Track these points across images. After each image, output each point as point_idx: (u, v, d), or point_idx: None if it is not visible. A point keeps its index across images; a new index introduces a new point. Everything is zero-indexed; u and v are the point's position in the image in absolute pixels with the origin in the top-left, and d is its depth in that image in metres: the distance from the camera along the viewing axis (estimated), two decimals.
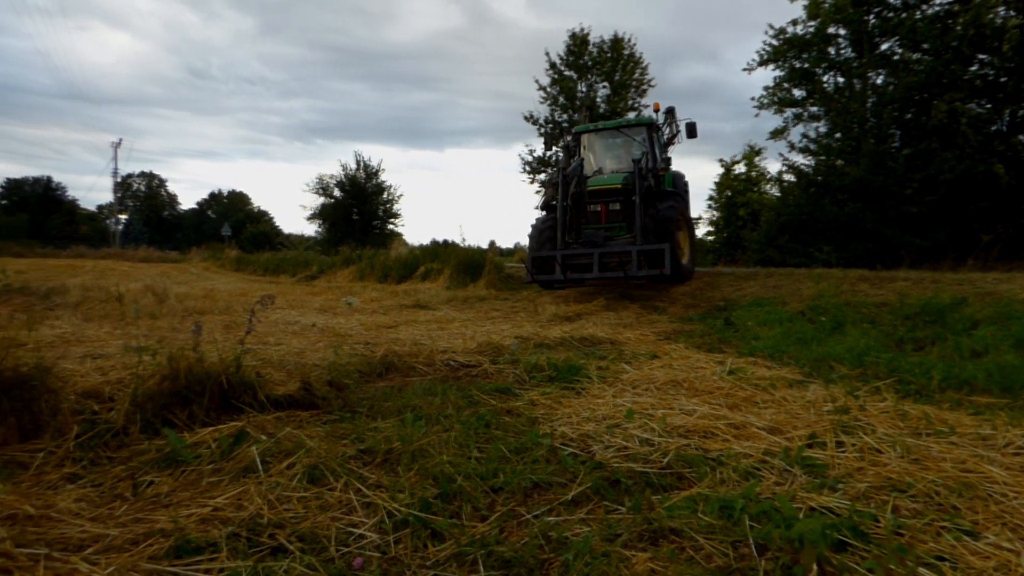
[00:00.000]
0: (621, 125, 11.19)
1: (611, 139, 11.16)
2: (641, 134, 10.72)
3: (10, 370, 2.66)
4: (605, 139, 11.22)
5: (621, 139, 10.99)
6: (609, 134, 11.16)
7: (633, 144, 10.80)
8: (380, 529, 1.85)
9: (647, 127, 10.66)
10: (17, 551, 1.58)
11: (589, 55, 28.39)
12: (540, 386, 3.72)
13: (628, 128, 10.99)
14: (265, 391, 3.06)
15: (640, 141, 10.67)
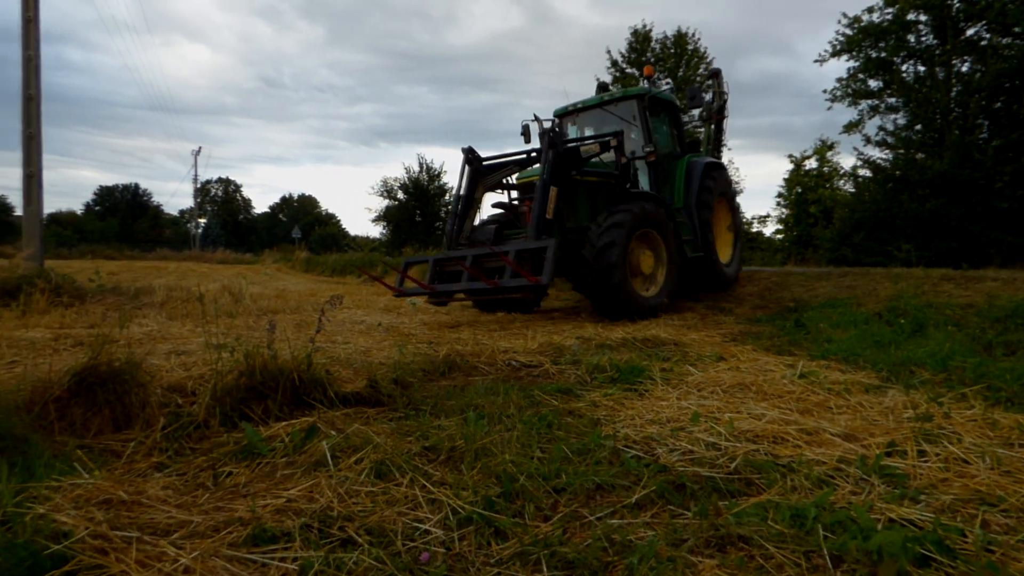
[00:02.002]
0: (604, 101, 8.90)
1: (598, 120, 9.05)
2: (630, 110, 8.64)
3: (105, 365, 2.85)
4: (591, 121, 9.16)
5: (611, 119, 8.79)
6: (594, 114, 9.04)
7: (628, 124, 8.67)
8: (445, 525, 1.88)
9: (636, 100, 8.52)
10: (112, 533, 1.70)
11: (652, 51, 27.95)
12: (602, 387, 3.69)
13: (614, 104, 8.79)
14: (334, 388, 3.17)
15: (631, 119, 8.57)
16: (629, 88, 9.07)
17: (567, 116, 9.30)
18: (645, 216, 7.22)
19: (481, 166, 7.73)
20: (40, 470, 2.11)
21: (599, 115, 8.94)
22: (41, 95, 9.00)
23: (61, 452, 2.36)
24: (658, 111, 8.90)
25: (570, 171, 7.22)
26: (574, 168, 7.30)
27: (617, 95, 8.84)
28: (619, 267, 6.70)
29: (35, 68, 8.86)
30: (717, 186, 9.09)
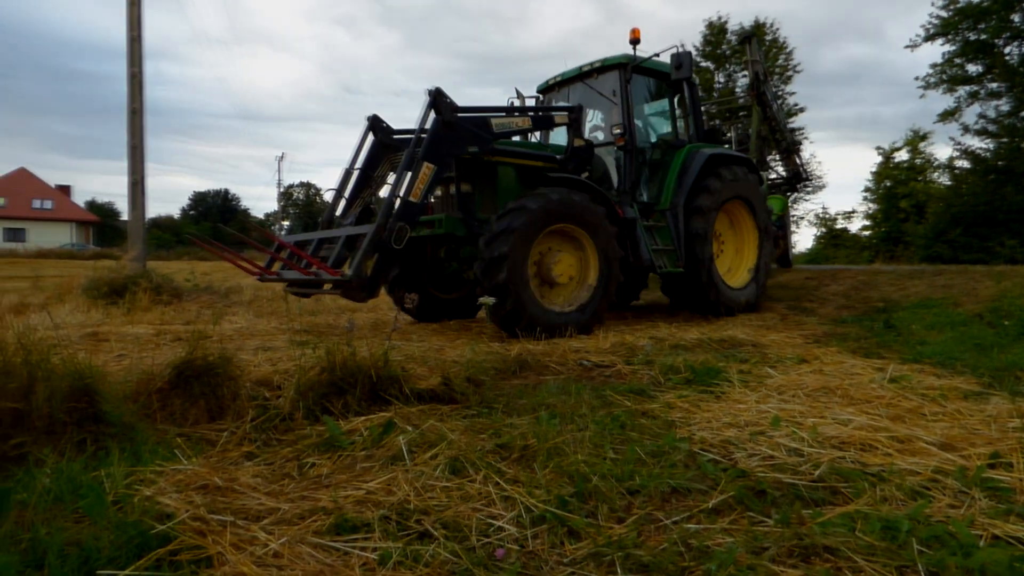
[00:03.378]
0: (584, 72, 7.45)
1: (583, 96, 7.60)
2: (611, 83, 7.15)
3: (200, 359, 3.05)
4: (577, 97, 7.65)
5: (597, 95, 7.43)
6: (578, 89, 7.61)
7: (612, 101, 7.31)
8: (518, 523, 1.90)
9: (618, 71, 7.05)
10: (210, 517, 1.82)
11: (728, 44, 27.09)
12: (676, 388, 3.62)
13: (594, 76, 7.36)
14: (409, 385, 3.25)
15: (611, 94, 7.15)
16: (610, 57, 7.16)
17: (550, 91, 7.90)
18: (560, 210, 5.77)
19: (390, 139, 6.46)
20: (146, 455, 2.28)
21: (582, 90, 7.50)
22: (144, 108, 9.70)
23: (163, 439, 2.54)
24: (652, 85, 7.51)
25: (465, 148, 5.81)
26: (476, 145, 5.86)
27: (596, 64, 7.30)
28: (513, 285, 5.37)
29: (139, 84, 9.55)
30: (726, 187, 7.26)
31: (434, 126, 5.57)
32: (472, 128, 5.82)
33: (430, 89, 5.66)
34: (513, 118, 6.20)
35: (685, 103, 7.69)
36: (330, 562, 1.66)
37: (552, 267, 5.89)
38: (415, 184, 5.37)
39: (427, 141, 5.50)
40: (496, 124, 6.00)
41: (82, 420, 2.42)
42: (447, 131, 5.63)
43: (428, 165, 5.49)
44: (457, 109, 5.72)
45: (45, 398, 2.33)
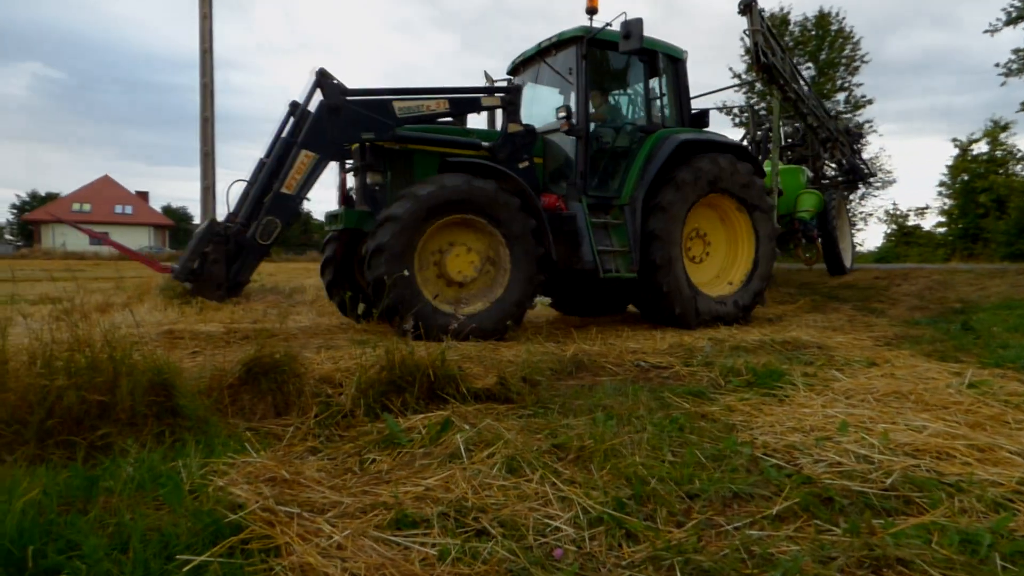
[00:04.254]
0: (542, 51, 6.61)
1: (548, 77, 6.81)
2: (569, 61, 6.33)
3: (267, 357, 3.17)
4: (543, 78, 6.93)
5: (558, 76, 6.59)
6: (542, 71, 6.79)
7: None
8: (575, 524, 1.89)
9: (575, 47, 6.20)
10: (278, 508, 1.89)
11: (790, 35, 26.20)
12: (737, 391, 3.53)
13: (552, 54, 6.55)
14: (466, 384, 3.29)
15: (568, 73, 6.35)
16: (566, 30, 6.31)
17: (516, 73, 7.19)
18: (457, 199, 5.14)
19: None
20: (218, 448, 2.39)
21: (546, 72, 6.74)
22: (215, 116, 10.17)
23: (234, 433, 2.66)
24: (616, 61, 6.57)
25: (357, 134, 5.39)
26: (372, 131, 5.40)
27: (553, 40, 6.47)
28: (392, 279, 4.84)
29: (210, 93, 10.02)
30: (701, 180, 6.26)
31: (316, 111, 5.19)
32: (367, 113, 5.38)
33: (316, 69, 5.28)
34: (423, 101, 5.66)
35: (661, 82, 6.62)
36: (391, 556, 1.70)
37: (447, 263, 5.29)
38: (289, 174, 5.04)
39: (307, 127, 5.15)
40: (400, 108, 5.53)
41: (161, 413, 2.56)
42: (332, 116, 5.22)
43: (307, 153, 5.13)
44: (347, 92, 5.32)
45: (128, 392, 2.48)
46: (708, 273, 6.79)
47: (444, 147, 5.70)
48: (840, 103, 25.95)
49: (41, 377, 2.40)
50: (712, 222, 6.83)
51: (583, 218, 5.92)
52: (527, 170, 5.81)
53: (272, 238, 4.97)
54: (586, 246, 5.85)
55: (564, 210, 5.91)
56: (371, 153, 5.56)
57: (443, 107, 5.78)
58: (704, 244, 6.83)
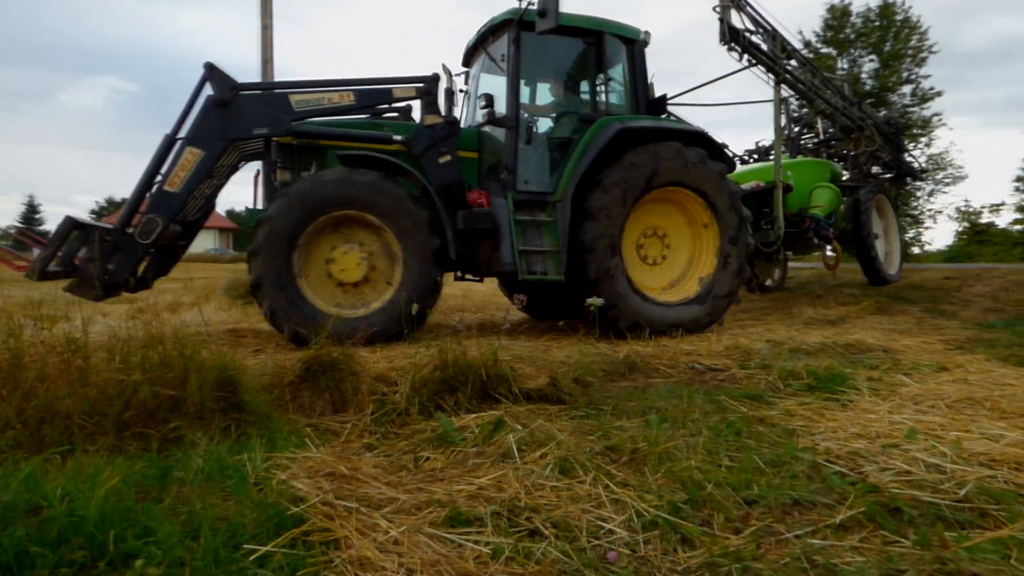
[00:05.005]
0: (482, 38, 6.17)
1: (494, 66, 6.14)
2: (502, 47, 5.83)
3: (325, 355, 3.27)
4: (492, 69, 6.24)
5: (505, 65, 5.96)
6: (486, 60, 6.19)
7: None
8: (629, 527, 1.88)
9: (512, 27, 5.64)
10: (337, 502, 1.95)
11: (852, 27, 25.20)
12: (797, 395, 3.42)
13: (491, 41, 6.08)
14: (518, 384, 3.30)
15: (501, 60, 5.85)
16: (498, 14, 5.80)
17: (468, 65, 6.75)
18: (337, 194, 4.90)
19: None
20: (280, 442, 2.48)
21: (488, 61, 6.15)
22: None
23: (294, 428, 2.75)
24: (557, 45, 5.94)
25: (250, 130, 5.18)
26: (266, 126, 5.20)
27: (488, 26, 5.99)
28: (268, 284, 4.71)
29: None
30: (643, 172, 5.54)
31: (203, 105, 5.05)
32: (261, 107, 5.20)
33: (207, 65, 5.11)
34: (325, 94, 5.37)
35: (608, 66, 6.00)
36: (445, 553, 1.72)
37: (334, 263, 5.07)
38: (173, 171, 4.92)
39: (193, 122, 5.00)
40: (298, 101, 5.28)
41: (226, 408, 2.68)
42: (220, 111, 5.07)
43: (192, 150, 4.97)
44: (239, 86, 5.17)
45: (197, 387, 2.60)
46: (669, 275, 6.06)
47: (349, 141, 5.45)
48: (906, 96, 24.78)
49: (119, 372, 2.55)
50: (672, 218, 6.06)
51: (506, 216, 5.45)
52: (448, 165, 5.44)
53: (152, 237, 4.82)
54: (505, 246, 5.39)
55: (485, 207, 5.48)
56: (279, 150, 5.41)
57: (348, 100, 5.46)
58: (662, 244, 6.08)
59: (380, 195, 5.00)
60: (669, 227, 6.08)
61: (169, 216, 4.91)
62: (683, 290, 5.93)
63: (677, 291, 5.93)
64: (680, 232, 6.09)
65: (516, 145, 5.63)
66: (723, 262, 5.91)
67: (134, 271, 5.03)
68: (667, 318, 5.62)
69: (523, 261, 5.38)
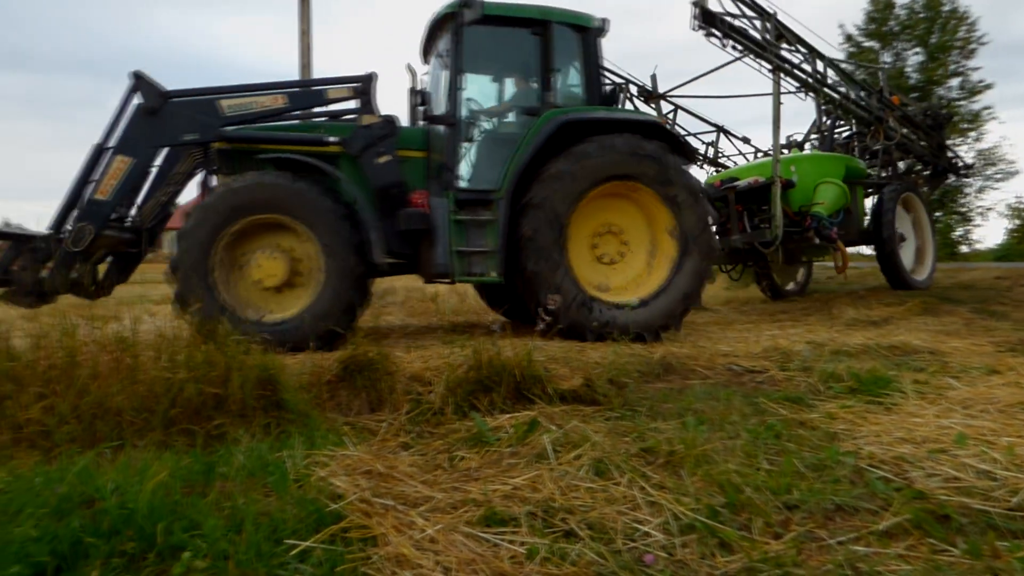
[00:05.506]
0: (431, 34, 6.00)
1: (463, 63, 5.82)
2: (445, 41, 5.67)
3: (362, 355, 3.33)
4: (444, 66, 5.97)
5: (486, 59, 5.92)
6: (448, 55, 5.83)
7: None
8: (665, 530, 1.86)
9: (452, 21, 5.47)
10: (374, 500, 1.98)
11: (895, 19, 24.44)
12: (839, 398, 3.34)
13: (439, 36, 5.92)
14: (552, 385, 3.30)
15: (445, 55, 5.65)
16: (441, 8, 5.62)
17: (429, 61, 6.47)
18: (251, 198, 4.84)
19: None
20: (319, 440, 2.54)
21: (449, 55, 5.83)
22: None
23: (332, 426, 2.81)
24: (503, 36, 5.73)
25: (179, 136, 5.21)
26: (195, 132, 5.22)
27: (433, 20, 5.78)
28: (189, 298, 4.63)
29: None
30: (588, 166, 5.26)
31: (132, 114, 5.10)
32: (190, 113, 5.19)
33: (132, 72, 5.15)
34: (256, 98, 5.34)
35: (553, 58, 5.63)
36: (481, 552, 1.73)
37: (254, 269, 4.93)
38: (104, 180, 4.99)
39: (121, 131, 5.05)
40: (228, 106, 5.26)
41: (267, 406, 2.75)
42: (149, 119, 5.10)
43: (122, 158, 5.00)
44: (168, 94, 5.17)
45: (239, 386, 2.68)
46: (626, 274, 5.69)
47: (281, 144, 5.29)
48: (953, 90, 23.90)
49: (166, 371, 2.64)
50: (629, 215, 5.69)
51: (443, 216, 5.23)
52: (386, 165, 5.29)
53: (83, 244, 4.87)
54: (440, 247, 5.18)
55: (424, 208, 5.29)
56: (216, 156, 5.38)
57: (280, 102, 5.42)
58: (619, 242, 5.70)
59: (290, 198, 4.88)
60: (626, 224, 5.70)
61: (100, 224, 4.96)
62: (639, 291, 5.56)
63: (633, 292, 5.58)
64: (639, 230, 5.71)
65: (456, 143, 5.46)
66: (682, 262, 5.51)
67: (67, 278, 5.04)
68: (618, 320, 5.26)
69: (461, 262, 5.21)
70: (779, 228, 7.57)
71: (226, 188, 4.94)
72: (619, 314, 5.29)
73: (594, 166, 5.28)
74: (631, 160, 5.34)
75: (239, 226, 4.86)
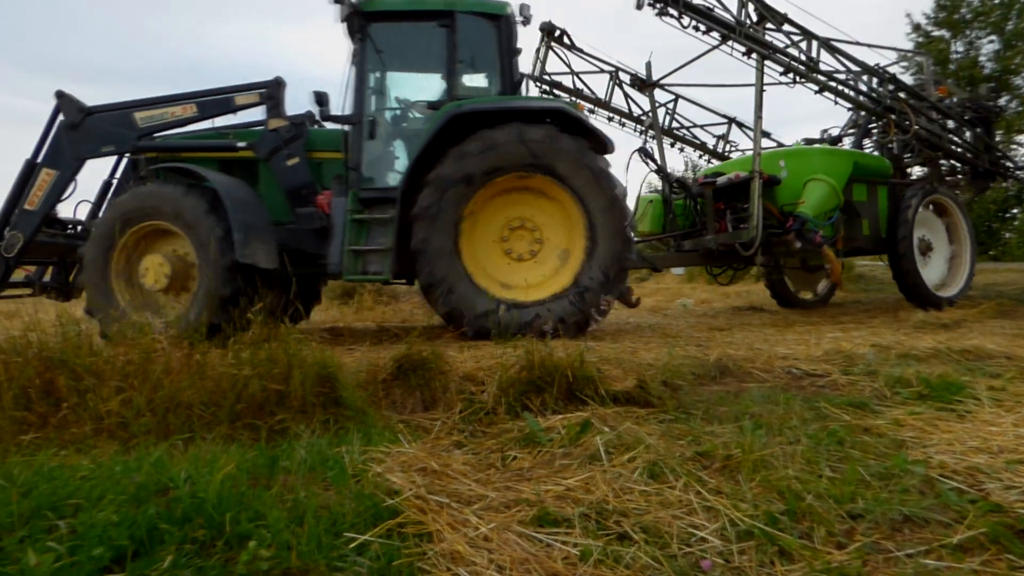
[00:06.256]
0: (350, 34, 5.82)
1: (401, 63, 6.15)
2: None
3: (416, 354, 3.39)
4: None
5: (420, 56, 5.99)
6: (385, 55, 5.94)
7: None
8: (722, 536, 1.82)
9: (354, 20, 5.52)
10: (429, 497, 2.02)
11: (967, 6, 23.15)
12: (907, 404, 3.19)
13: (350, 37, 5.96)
14: (604, 386, 3.28)
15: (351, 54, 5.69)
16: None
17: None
18: (137, 208, 5.10)
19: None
20: (375, 437, 2.60)
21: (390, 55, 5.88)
22: None
23: (388, 424, 2.87)
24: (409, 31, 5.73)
25: (98, 149, 5.57)
26: (113, 144, 5.58)
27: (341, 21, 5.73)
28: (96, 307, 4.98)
29: None
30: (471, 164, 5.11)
31: (54, 130, 5.51)
32: (107, 127, 5.54)
33: (56, 92, 5.58)
34: (168, 108, 5.60)
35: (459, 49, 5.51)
36: (534, 552, 1.74)
37: (146, 272, 5.17)
38: (32, 192, 5.43)
39: (47, 146, 5.46)
40: (141, 118, 5.56)
41: (326, 403, 2.84)
42: (71, 133, 5.49)
43: (47, 171, 5.44)
44: (88, 110, 5.54)
45: (299, 382, 2.77)
46: (542, 270, 5.46)
47: (193, 152, 5.60)
48: None
49: (231, 367, 2.76)
50: (541, 208, 5.46)
51: (341, 215, 5.33)
52: (295, 167, 5.48)
53: (15, 251, 5.40)
54: (334, 246, 5.27)
55: (324, 208, 5.44)
56: (135, 167, 5.68)
57: (191, 112, 5.68)
58: (532, 237, 5.51)
59: (166, 204, 5.08)
60: (539, 218, 5.49)
61: (29, 232, 5.44)
62: (551, 287, 5.35)
63: (545, 288, 5.36)
64: (552, 222, 5.48)
65: (360, 142, 5.50)
66: (592, 252, 5.27)
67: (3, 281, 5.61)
68: (523, 319, 5.05)
69: (355, 261, 5.24)
70: (758, 229, 6.73)
71: (114, 202, 5.34)
72: (527, 311, 5.13)
73: (484, 161, 5.12)
74: (524, 150, 5.13)
75: (129, 237, 5.14)
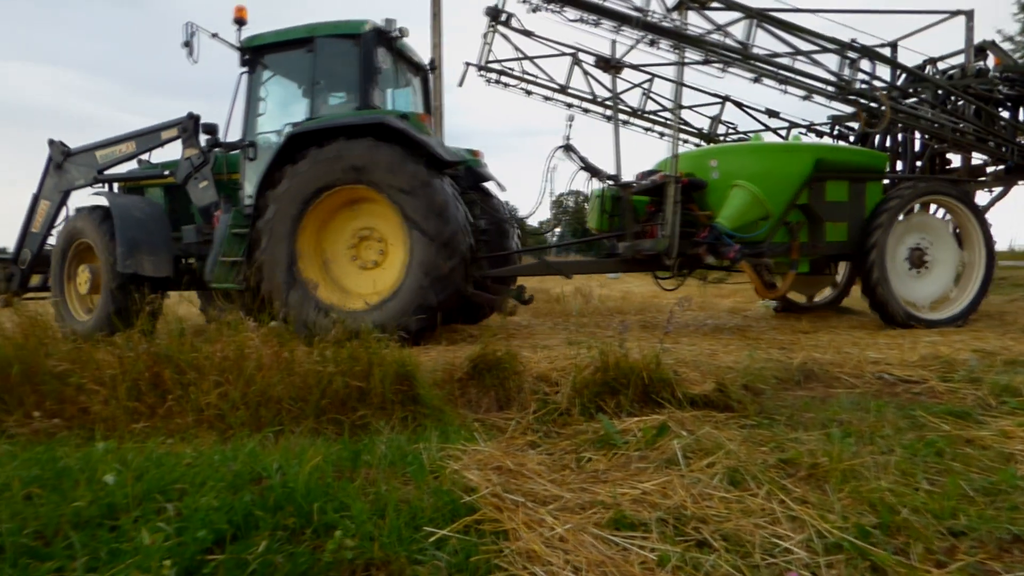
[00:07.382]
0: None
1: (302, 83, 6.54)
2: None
3: (491, 354, 3.44)
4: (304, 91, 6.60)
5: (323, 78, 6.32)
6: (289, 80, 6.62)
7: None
8: (808, 547, 1.75)
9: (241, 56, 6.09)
10: (505, 495, 2.04)
11: None
12: (1014, 414, 2.95)
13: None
14: (681, 389, 3.21)
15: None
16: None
17: None
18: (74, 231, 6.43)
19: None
20: (452, 435, 2.66)
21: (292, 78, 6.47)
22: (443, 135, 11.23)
23: (464, 422, 2.93)
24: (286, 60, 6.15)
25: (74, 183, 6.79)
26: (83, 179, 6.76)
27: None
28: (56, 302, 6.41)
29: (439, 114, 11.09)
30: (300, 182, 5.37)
31: (45, 169, 6.84)
32: (81, 165, 6.74)
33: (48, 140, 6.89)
34: (118, 146, 6.63)
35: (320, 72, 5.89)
36: (610, 555, 1.73)
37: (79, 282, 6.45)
38: (35, 218, 6.89)
39: (41, 183, 6.86)
40: (101, 156, 6.67)
41: (405, 400, 2.92)
42: (56, 172, 6.82)
43: (44, 202, 6.85)
44: (68, 151, 6.80)
45: (379, 380, 2.87)
46: (387, 278, 5.53)
47: (134, 182, 6.85)
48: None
49: (317, 364, 2.89)
50: (383, 217, 5.60)
51: (222, 230, 5.89)
52: (205, 189, 6.30)
53: (26, 264, 6.85)
54: (210, 258, 5.87)
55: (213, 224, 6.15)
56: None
57: (132, 148, 6.64)
58: (379, 246, 5.68)
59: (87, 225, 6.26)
60: (384, 227, 5.65)
61: (36, 248, 6.88)
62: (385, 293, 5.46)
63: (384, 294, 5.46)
64: (393, 231, 5.58)
65: (244, 163, 6.09)
66: (410, 260, 5.32)
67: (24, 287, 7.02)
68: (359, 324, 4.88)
69: (223, 271, 5.83)
70: (672, 238, 5.86)
71: (65, 223, 6.67)
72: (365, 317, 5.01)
73: (311, 179, 5.43)
74: (344, 165, 5.36)
75: (74, 250, 6.50)
